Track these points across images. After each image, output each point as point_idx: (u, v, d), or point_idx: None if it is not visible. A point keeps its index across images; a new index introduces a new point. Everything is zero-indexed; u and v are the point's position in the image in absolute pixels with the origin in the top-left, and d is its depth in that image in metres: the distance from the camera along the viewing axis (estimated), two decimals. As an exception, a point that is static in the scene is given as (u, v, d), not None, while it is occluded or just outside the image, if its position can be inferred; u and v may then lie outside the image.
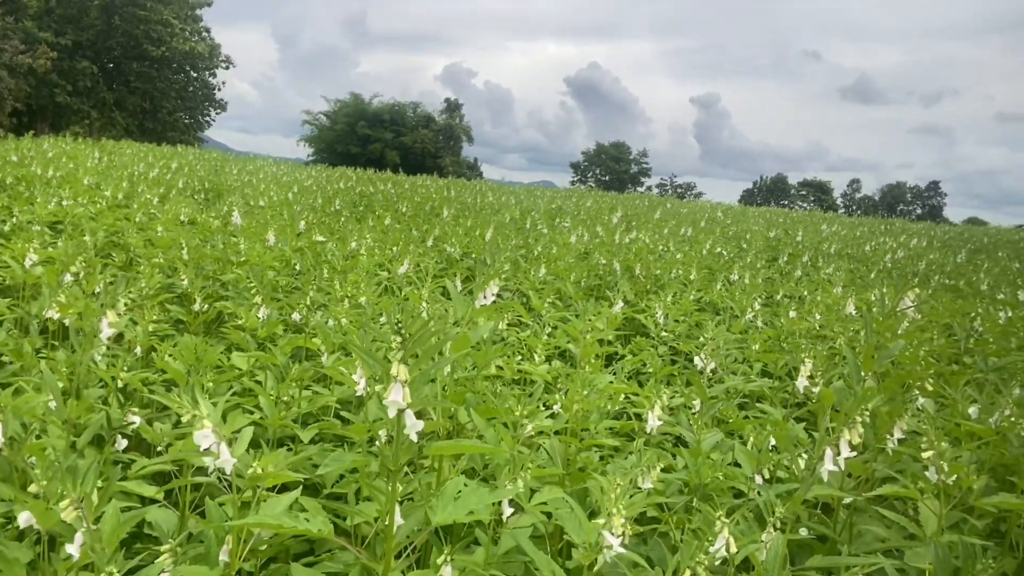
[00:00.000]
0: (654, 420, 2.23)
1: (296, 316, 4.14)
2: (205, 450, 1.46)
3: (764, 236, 10.16)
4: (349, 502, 2.11)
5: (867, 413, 1.66)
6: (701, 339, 3.02)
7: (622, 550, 1.58)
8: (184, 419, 1.48)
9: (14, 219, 6.01)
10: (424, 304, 4.25)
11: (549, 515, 1.99)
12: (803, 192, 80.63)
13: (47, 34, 40.68)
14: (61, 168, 9.43)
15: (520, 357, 3.64)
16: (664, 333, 4.48)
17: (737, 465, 2.33)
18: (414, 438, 1.39)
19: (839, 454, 1.60)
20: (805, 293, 4.96)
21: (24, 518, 1.57)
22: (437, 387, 1.99)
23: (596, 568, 1.59)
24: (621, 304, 4.28)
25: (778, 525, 1.78)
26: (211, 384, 2.34)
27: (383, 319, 4.15)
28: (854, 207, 78.74)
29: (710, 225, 11.49)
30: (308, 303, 3.28)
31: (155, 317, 3.94)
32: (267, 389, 2.45)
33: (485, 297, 2.36)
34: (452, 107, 71.29)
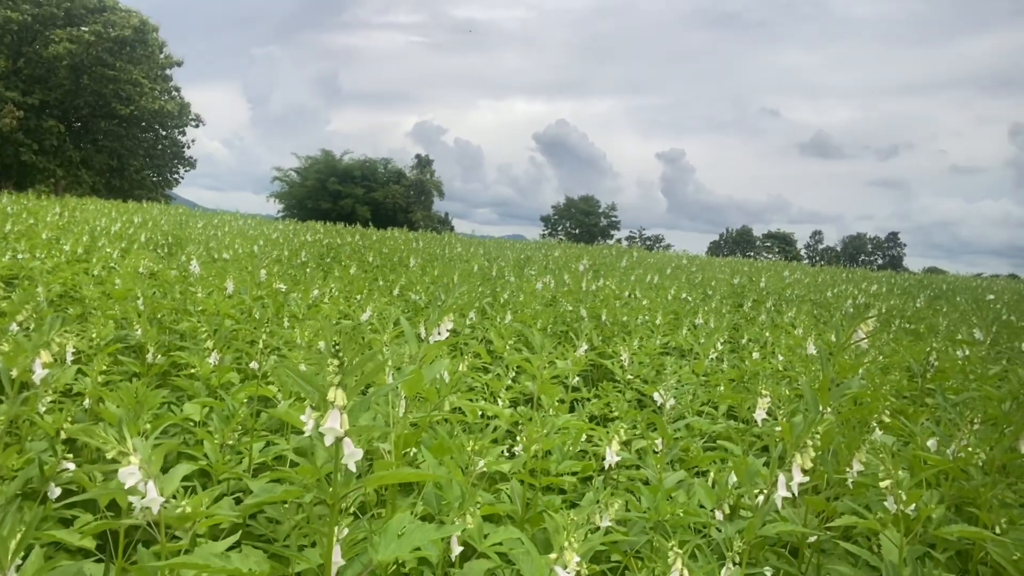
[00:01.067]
0: (612, 456, 2.19)
1: (254, 365, 4.05)
2: (129, 488, 1.39)
3: (729, 283, 10.30)
4: (294, 550, 2.02)
5: (818, 437, 1.64)
6: (664, 378, 3.00)
7: (576, 584, 1.52)
8: (109, 455, 1.41)
9: (-35, 272, 5.84)
10: (385, 348, 4.20)
11: (504, 556, 1.91)
12: (768, 243, 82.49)
13: (14, 93, 40.57)
14: (20, 223, 9.26)
15: (482, 401, 3.58)
16: (629, 377, 4.46)
17: (702, 506, 2.29)
18: (352, 468, 1.34)
19: (791, 480, 1.57)
20: (768, 336, 5.01)
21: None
22: (385, 421, 1.93)
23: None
24: (585, 347, 4.26)
25: (736, 560, 1.74)
26: (148, 427, 2.24)
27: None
28: (817, 258, 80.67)
29: (676, 272, 11.63)
30: (261, 348, 3.20)
31: (104, 367, 3.82)
32: (214, 434, 2.36)
33: (439, 332, 2.32)
34: (423, 163, 72.16)
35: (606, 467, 2.19)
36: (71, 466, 2.14)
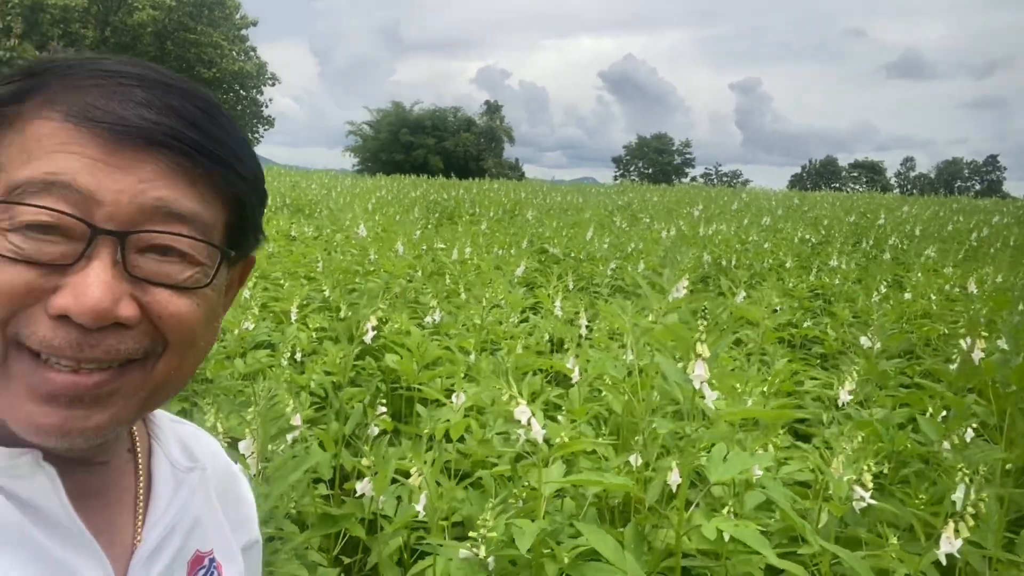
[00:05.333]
0: (845, 394, 2.47)
1: (428, 319, 4.47)
2: (524, 422, 1.76)
3: (843, 221, 10.16)
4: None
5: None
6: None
7: (872, 502, 1.82)
8: (504, 398, 1.78)
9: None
10: (557, 303, 4.54)
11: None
12: (855, 174, 78.87)
13: (106, 63, 42.47)
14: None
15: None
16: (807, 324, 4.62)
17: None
18: (710, 405, 1.66)
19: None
20: (917, 276, 5.08)
21: (362, 486, 1.89)
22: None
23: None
24: (743, 295, 4.49)
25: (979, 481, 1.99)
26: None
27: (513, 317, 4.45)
28: (909, 186, 76.72)
29: (788, 213, 11.51)
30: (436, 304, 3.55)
31: (316, 325, 4.32)
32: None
33: (677, 291, 2.62)
34: (492, 109, 71.79)
35: (840, 405, 2.46)
36: (383, 409, 2.57)
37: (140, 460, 0.74)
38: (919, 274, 5.12)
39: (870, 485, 1.81)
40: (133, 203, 0.55)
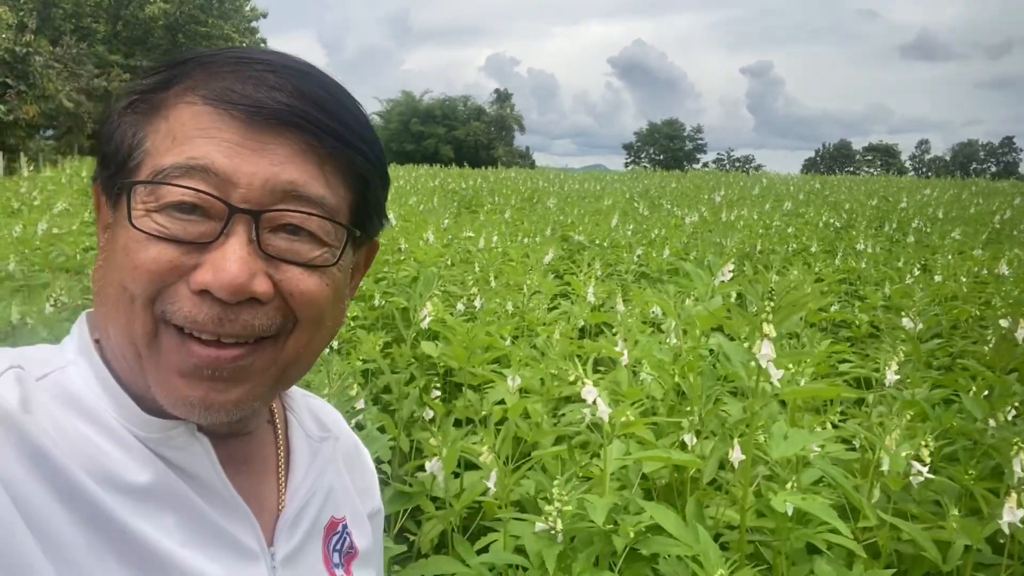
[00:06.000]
0: (891, 375, 2.51)
1: (459, 307, 4.53)
2: (591, 402, 1.81)
3: (865, 204, 10.12)
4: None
5: None
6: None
7: (931, 476, 1.87)
8: (571, 379, 1.84)
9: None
10: (590, 289, 4.59)
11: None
12: (869, 157, 78.10)
13: (117, 56, 42.64)
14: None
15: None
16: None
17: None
18: (776, 384, 1.71)
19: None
20: (949, 257, 5.08)
21: (432, 465, 1.96)
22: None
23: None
24: (776, 277, 4.52)
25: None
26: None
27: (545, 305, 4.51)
28: (924, 169, 75.94)
29: (809, 198, 11.49)
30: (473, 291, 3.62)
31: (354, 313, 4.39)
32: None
33: (723, 274, 2.67)
34: (502, 97, 71.62)
35: (887, 384, 2.51)
36: (437, 392, 2.64)
37: (279, 431, 0.77)
38: (949, 256, 5.12)
39: (928, 460, 1.86)
40: (266, 185, 0.58)
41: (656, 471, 2.08)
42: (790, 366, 2.22)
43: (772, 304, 1.64)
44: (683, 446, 2.20)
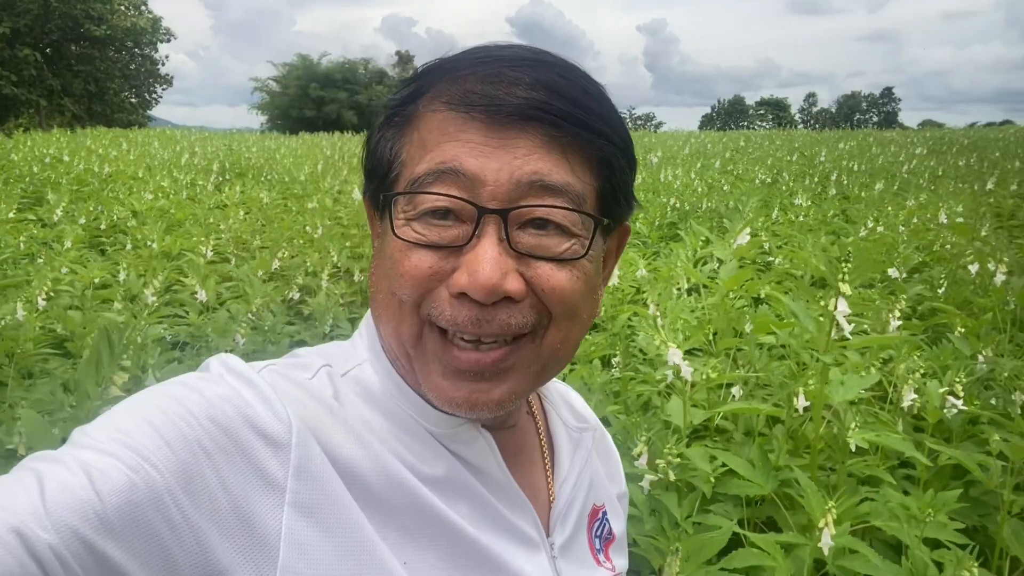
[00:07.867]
0: (895, 322, 2.81)
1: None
2: (676, 363, 1.98)
3: (785, 160, 10.72)
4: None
5: None
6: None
7: (964, 408, 2.15)
8: (657, 342, 1.99)
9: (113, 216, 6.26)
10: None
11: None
12: (761, 111, 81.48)
13: (-17, 21, 38.77)
14: (110, 163, 9.52)
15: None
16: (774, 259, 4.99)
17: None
18: (849, 336, 1.92)
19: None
20: (889, 208, 5.53)
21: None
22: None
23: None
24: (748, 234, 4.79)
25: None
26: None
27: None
28: (812, 121, 79.96)
29: (736, 156, 12.01)
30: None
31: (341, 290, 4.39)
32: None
33: (742, 238, 2.88)
34: (404, 59, 69.94)
35: (891, 330, 2.82)
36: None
37: (539, 422, 0.80)
38: (889, 208, 5.57)
39: (961, 393, 2.14)
40: (511, 180, 0.58)
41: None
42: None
43: (847, 264, 1.84)
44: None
